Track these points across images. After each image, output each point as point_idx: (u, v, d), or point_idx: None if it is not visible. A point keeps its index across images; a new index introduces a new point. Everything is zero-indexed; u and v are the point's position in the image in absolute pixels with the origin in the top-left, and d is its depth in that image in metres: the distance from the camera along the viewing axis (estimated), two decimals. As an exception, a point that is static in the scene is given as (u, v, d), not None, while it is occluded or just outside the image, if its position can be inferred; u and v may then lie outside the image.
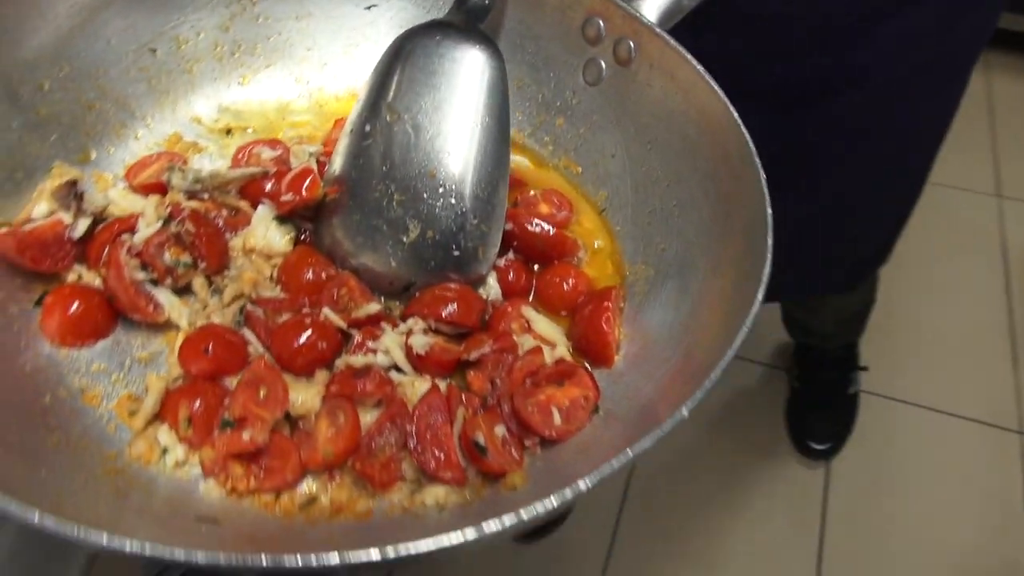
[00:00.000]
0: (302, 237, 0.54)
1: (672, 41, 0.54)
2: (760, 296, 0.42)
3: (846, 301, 1.41)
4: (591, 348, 0.51)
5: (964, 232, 1.96)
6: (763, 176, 0.47)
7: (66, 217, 0.48)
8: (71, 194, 0.48)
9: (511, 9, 0.61)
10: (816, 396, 1.58)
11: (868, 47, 0.81)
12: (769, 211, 0.46)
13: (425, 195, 0.51)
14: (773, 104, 0.84)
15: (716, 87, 0.51)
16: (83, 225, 0.49)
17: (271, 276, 0.52)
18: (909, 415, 1.65)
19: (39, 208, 0.48)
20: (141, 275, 0.48)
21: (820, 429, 1.55)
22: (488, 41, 0.54)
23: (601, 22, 0.58)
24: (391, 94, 0.52)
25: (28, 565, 0.47)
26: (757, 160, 0.48)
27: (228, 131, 0.59)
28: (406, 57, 0.53)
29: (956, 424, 1.64)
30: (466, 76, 0.52)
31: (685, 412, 0.37)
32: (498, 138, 0.53)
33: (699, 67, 0.52)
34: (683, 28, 0.56)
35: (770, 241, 0.44)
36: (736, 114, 0.49)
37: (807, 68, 0.82)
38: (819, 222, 0.99)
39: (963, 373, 1.70)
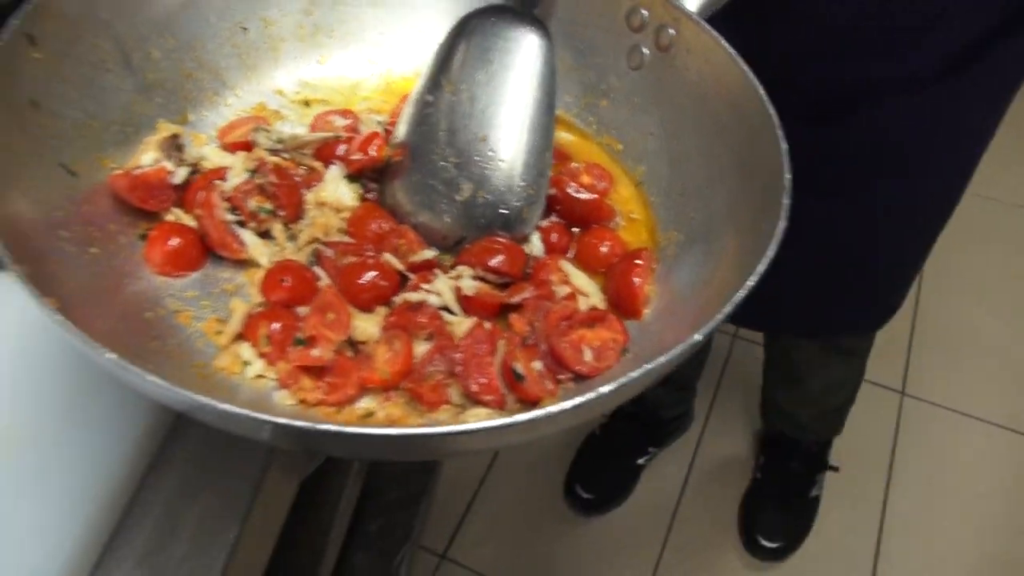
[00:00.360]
0: (368, 195, 0.61)
1: (708, 28, 0.59)
2: (773, 250, 0.47)
3: (833, 386, 1.39)
4: (622, 301, 0.56)
5: (1019, 246, 1.97)
6: (784, 147, 0.52)
7: (168, 165, 0.56)
8: (173, 146, 0.56)
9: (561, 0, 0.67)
10: (777, 490, 1.54)
11: (917, 54, 0.83)
12: (788, 176, 0.50)
13: (477, 158, 0.57)
14: (813, 108, 0.87)
15: (746, 68, 0.56)
16: (182, 173, 0.56)
17: (339, 228, 0.59)
18: (974, 428, 1.66)
19: (146, 156, 0.56)
20: (230, 217, 0.55)
21: (773, 526, 1.51)
22: (538, 23, 0.59)
23: (644, 11, 0.63)
24: (451, 69, 0.59)
25: (207, 468, 0.55)
26: (779, 132, 0.53)
27: (307, 103, 0.67)
28: (466, 37, 0.59)
29: (1015, 439, 1.64)
30: (518, 54, 0.58)
31: (698, 337, 0.42)
32: (545, 110, 0.59)
33: (731, 51, 0.57)
34: (729, 26, 0.61)
35: (786, 202, 0.49)
36: (762, 90, 0.54)
37: (852, 72, 0.85)
38: (849, 239, 1.00)
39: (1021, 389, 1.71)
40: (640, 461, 1.59)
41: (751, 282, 0.44)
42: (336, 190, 0.59)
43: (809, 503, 1.55)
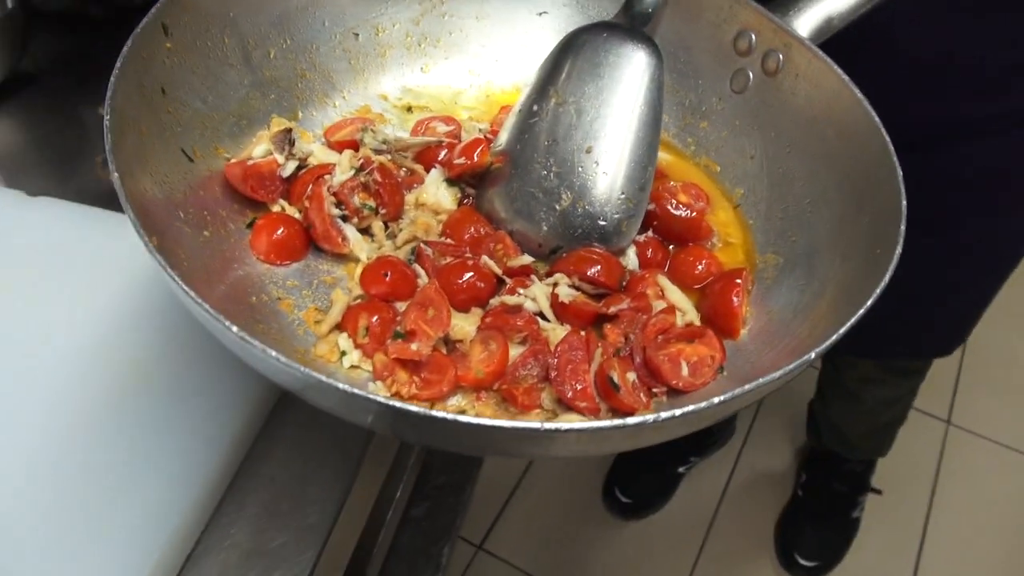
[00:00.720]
0: (465, 200, 0.61)
1: (820, 53, 0.58)
2: (888, 276, 0.46)
3: (887, 402, 1.36)
4: (719, 320, 0.55)
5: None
6: (900, 173, 0.51)
7: (279, 158, 0.57)
8: (286, 140, 0.58)
9: (668, 21, 0.67)
10: (818, 509, 1.51)
11: (1014, 94, 0.81)
12: (904, 203, 0.49)
13: (580, 169, 0.57)
14: (901, 141, 0.86)
15: (860, 95, 0.56)
16: (291, 166, 0.58)
17: (436, 230, 0.59)
18: (1017, 462, 1.66)
19: (259, 149, 0.58)
20: (336, 211, 0.56)
21: (812, 544, 1.48)
22: (650, 42, 0.60)
23: (753, 35, 0.63)
24: (559, 81, 0.59)
25: (309, 453, 0.57)
26: (895, 160, 0.52)
27: (409, 108, 0.68)
28: (576, 50, 0.59)
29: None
30: (627, 69, 0.59)
31: (812, 355, 0.41)
32: (651, 126, 0.58)
33: (844, 76, 0.57)
34: (831, 54, 0.60)
35: (903, 228, 0.48)
36: (877, 118, 0.53)
37: (954, 110, 0.84)
38: (929, 270, 0.98)
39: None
40: (680, 469, 1.59)
41: (870, 302, 0.43)
42: (436, 192, 0.60)
43: (850, 524, 1.53)
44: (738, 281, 0.55)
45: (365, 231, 0.58)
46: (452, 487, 0.72)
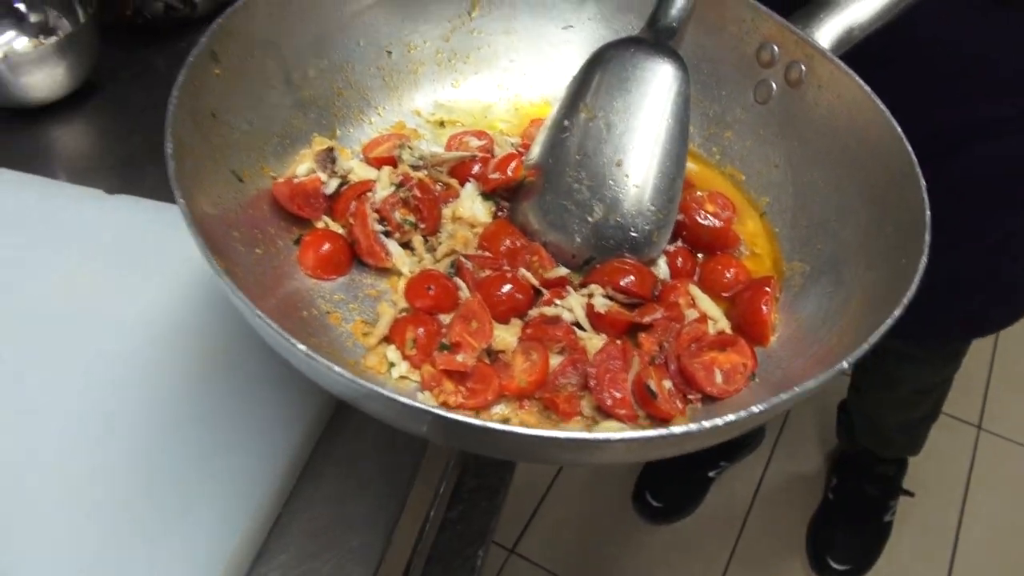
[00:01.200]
0: (500, 213, 0.64)
1: (842, 65, 0.60)
2: (915, 286, 0.48)
3: (924, 389, 1.36)
4: (748, 328, 0.57)
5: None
6: (923, 183, 0.53)
7: (323, 176, 0.59)
8: (328, 158, 0.60)
9: (691, 35, 0.69)
10: (849, 513, 1.52)
11: None
12: (928, 214, 0.51)
13: (611, 182, 0.59)
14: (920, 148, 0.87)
15: (882, 106, 0.57)
16: (334, 184, 0.60)
17: (473, 244, 0.62)
18: None
19: (302, 167, 0.60)
20: (379, 227, 0.58)
21: (844, 548, 1.49)
22: (676, 56, 0.62)
23: (776, 47, 0.65)
24: (588, 95, 0.61)
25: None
26: (918, 169, 0.53)
27: (441, 123, 0.70)
28: (604, 65, 0.61)
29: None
30: (655, 83, 0.61)
31: (846, 364, 0.43)
32: (678, 138, 0.60)
33: (866, 87, 0.59)
34: (853, 64, 0.61)
35: (927, 237, 0.50)
36: (898, 127, 0.55)
37: (974, 112, 0.85)
38: (962, 269, 0.99)
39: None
40: (711, 474, 1.61)
41: (898, 311, 0.45)
42: (472, 206, 0.62)
43: (882, 528, 1.54)
44: (767, 289, 0.57)
45: (406, 245, 0.61)
46: (486, 490, 0.74)
